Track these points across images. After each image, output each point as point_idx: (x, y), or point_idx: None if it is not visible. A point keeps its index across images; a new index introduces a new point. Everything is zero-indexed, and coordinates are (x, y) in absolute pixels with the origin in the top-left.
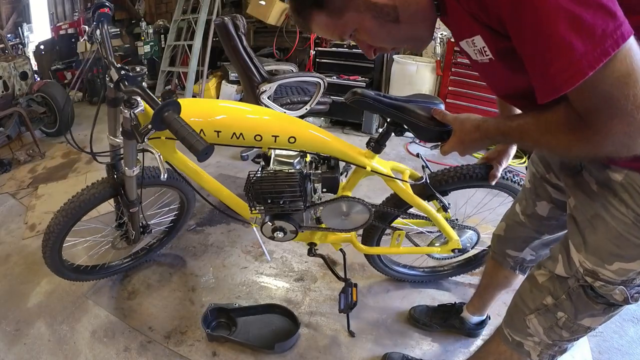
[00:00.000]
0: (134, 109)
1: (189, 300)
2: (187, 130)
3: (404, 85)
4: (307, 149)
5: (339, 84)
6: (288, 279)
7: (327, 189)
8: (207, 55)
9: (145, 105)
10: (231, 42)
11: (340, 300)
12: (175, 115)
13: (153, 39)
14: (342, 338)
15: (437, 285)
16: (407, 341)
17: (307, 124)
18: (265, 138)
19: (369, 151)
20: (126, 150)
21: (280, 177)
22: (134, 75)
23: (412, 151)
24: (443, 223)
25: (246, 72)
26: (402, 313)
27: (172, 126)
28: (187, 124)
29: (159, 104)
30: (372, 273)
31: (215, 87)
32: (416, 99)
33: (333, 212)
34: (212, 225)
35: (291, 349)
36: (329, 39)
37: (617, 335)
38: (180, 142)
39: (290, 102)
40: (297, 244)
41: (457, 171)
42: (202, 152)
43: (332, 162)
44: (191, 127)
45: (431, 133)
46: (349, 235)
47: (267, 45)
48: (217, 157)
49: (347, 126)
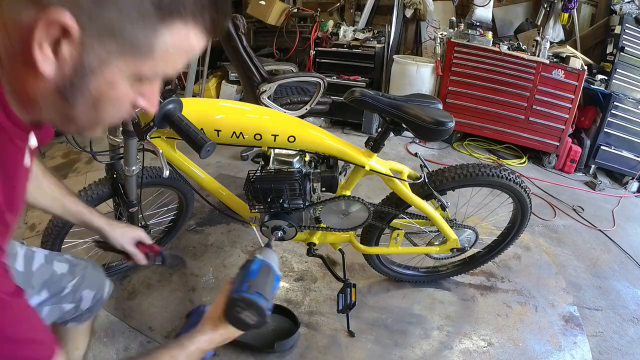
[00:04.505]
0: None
1: (189, 300)
2: (189, 127)
3: (404, 85)
4: (306, 148)
5: (339, 84)
6: (288, 279)
7: (326, 188)
8: (207, 55)
9: None
10: (231, 42)
11: (338, 301)
12: (177, 112)
13: None
14: (342, 338)
15: (437, 285)
16: (407, 341)
17: (307, 124)
18: (265, 137)
19: (368, 150)
20: (126, 149)
21: (279, 176)
22: None
23: (412, 151)
24: (441, 222)
25: (246, 72)
26: (402, 312)
27: (174, 123)
28: (189, 121)
29: (161, 101)
30: (372, 273)
31: (215, 87)
32: (415, 98)
33: (332, 211)
34: (212, 225)
35: (291, 348)
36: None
37: (617, 335)
38: (182, 139)
39: (290, 102)
40: (297, 244)
41: (455, 170)
42: (204, 148)
43: (331, 162)
44: (193, 124)
45: (430, 132)
46: (348, 235)
47: (267, 45)
48: (216, 157)
49: (347, 126)
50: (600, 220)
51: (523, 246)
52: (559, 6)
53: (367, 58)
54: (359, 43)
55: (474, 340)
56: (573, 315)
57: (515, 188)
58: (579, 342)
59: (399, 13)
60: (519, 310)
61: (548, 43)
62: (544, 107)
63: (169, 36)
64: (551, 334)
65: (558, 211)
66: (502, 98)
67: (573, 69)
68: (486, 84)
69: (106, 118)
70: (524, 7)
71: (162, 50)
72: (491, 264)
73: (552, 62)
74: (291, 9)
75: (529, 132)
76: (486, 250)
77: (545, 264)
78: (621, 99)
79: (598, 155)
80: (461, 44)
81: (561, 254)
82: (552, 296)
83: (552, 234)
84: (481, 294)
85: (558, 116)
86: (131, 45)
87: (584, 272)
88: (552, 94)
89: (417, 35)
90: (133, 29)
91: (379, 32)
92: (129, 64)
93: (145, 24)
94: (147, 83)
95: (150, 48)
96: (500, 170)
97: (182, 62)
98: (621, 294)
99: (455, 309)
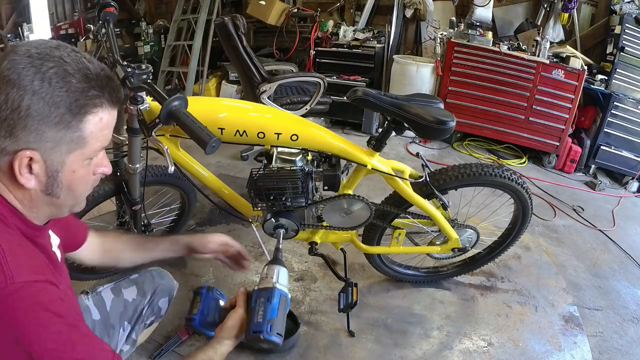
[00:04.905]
0: (140, 105)
1: (189, 300)
2: (195, 124)
3: (404, 85)
4: (309, 146)
5: (339, 84)
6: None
7: (329, 187)
8: (207, 55)
9: (150, 102)
10: (231, 42)
11: (340, 300)
12: (183, 109)
13: (153, 39)
14: (342, 338)
15: (437, 285)
16: (407, 340)
17: (309, 122)
18: (268, 135)
19: (370, 149)
20: (130, 147)
21: (282, 174)
22: (139, 73)
23: (412, 151)
24: (443, 222)
25: (246, 72)
26: (402, 312)
27: (180, 120)
28: (194, 118)
29: (167, 98)
30: (373, 273)
31: (215, 87)
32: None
33: (334, 210)
34: (212, 225)
35: (291, 348)
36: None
37: (617, 335)
38: (187, 135)
39: (290, 102)
40: (297, 244)
41: (458, 170)
42: (210, 144)
43: (334, 160)
44: (199, 121)
45: (432, 131)
46: (350, 234)
47: (267, 45)
48: (217, 157)
49: (347, 126)
50: (600, 220)
51: (523, 246)
52: (559, 6)
53: (367, 58)
54: (359, 43)
55: (474, 340)
56: (573, 315)
57: (517, 188)
58: (579, 342)
59: (399, 13)
60: (519, 310)
61: (548, 43)
62: (544, 107)
63: (88, 125)
64: (551, 334)
65: (558, 211)
66: (502, 98)
67: (573, 69)
68: (486, 84)
69: (82, 194)
70: (524, 7)
71: (91, 135)
72: (491, 264)
73: (552, 62)
74: (291, 9)
75: (529, 132)
76: (487, 250)
77: (545, 264)
78: (621, 99)
79: (598, 155)
80: (461, 44)
81: (561, 254)
82: (552, 296)
83: (552, 234)
84: (481, 294)
85: (558, 116)
86: (70, 143)
87: (584, 272)
88: (552, 94)
89: (417, 35)
90: (66, 134)
91: (379, 32)
92: (76, 154)
93: (70, 127)
94: (95, 157)
95: (83, 139)
96: (502, 170)
97: (108, 134)
98: (621, 294)
99: (455, 309)
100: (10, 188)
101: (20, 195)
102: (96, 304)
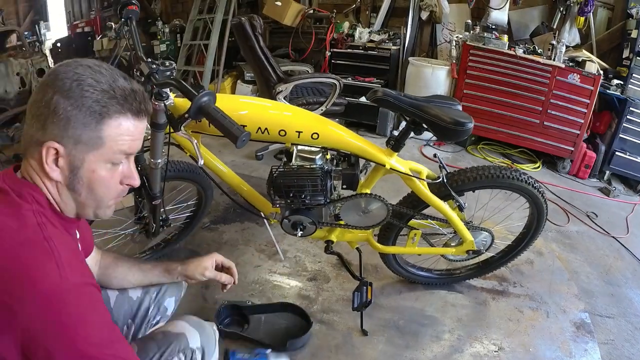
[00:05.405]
0: (165, 101)
1: (202, 297)
2: (225, 118)
3: (419, 87)
4: (329, 145)
5: (354, 86)
6: (301, 278)
7: (347, 186)
8: (222, 55)
9: (174, 98)
10: (248, 43)
11: (354, 299)
12: (212, 104)
13: (169, 38)
14: (354, 338)
15: (450, 288)
16: (418, 342)
17: (329, 121)
18: (289, 133)
19: (389, 149)
20: (153, 141)
21: (302, 172)
22: (164, 69)
23: (426, 153)
24: (458, 223)
25: (262, 72)
26: (414, 314)
27: (210, 115)
28: (224, 113)
29: (196, 94)
30: (385, 274)
31: (230, 86)
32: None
33: (352, 209)
34: (227, 223)
35: (303, 347)
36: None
37: (629, 343)
38: (218, 129)
39: (306, 103)
40: (311, 244)
41: (477, 171)
42: (241, 138)
43: (352, 160)
44: (228, 116)
45: (450, 132)
46: (366, 233)
47: (282, 46)
48: (231, 156)
49: (362, 128)
50: (613, 227)
51: (536, 251)
52: (575, 10)
53: (382, 60)
54: (374, 45)
55: (484, 344)
56: (584, 322)
57: (533, 192)
58: (589, 350)
59: (415, 15)
60: (531, 315)
61: (564, 47)
62: (559, 111)
63: (106, 127)
64: (562, 340)
65: (571, 217)
66: (517, 102)
67: (589, 74)
68: (501, 87)
69: (103, 197)
70: (540, 10)
71: (108, 138)
72: (504, 268)
73: (567, 66)
74: (307, 10)
75: (543, 137)
76: (500, 254)
77: (557, 270)
78: (637, 104)
79: (613, 161)
80: (476, 47)
81: (574, 260)
82: (564, 302)
83: (565, 240)
84: (493, 298)
85: (573, 121)
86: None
87: (596, 279)
88: (567, 98)
89: (433, 37)
90: (86, 132)
91: (395, 34)
92: (95, 154)
93: (89, 127)
94: (120, 164)
95: (100, 139)
96: (520, 174)
97: (127, 141)
98: (633, 302)
99: (467, 312)
100: (42, 177)
101: (50, 185)
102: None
